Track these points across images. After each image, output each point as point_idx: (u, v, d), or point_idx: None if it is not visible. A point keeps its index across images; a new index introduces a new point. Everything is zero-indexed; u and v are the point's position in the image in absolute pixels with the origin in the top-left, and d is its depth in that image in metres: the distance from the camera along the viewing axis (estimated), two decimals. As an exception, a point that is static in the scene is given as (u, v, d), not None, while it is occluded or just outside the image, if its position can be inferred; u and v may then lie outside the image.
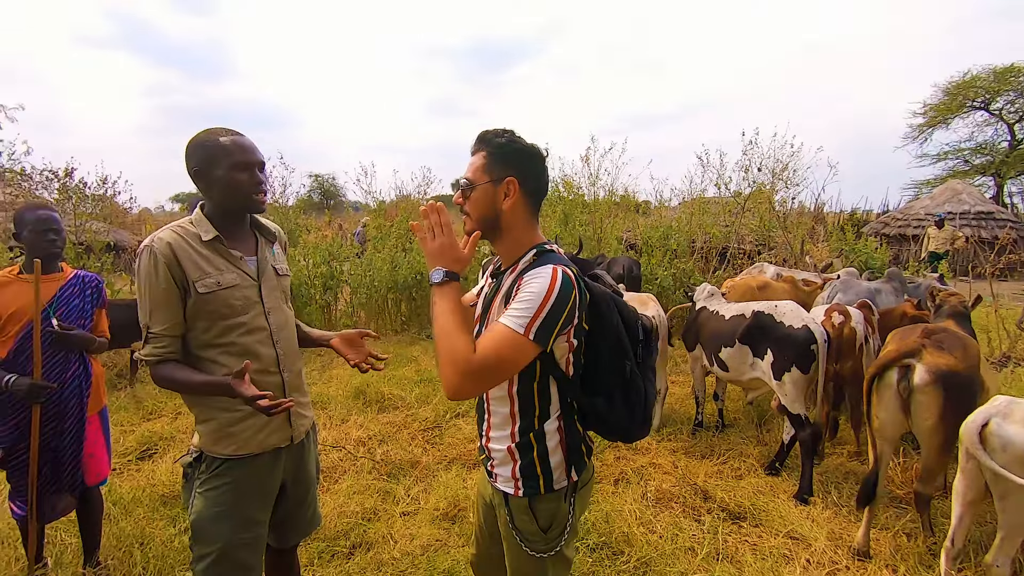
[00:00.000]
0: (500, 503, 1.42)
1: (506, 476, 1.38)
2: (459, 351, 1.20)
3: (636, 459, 3.67)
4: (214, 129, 1.59)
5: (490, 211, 1.35)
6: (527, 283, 1.24)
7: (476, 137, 1.39)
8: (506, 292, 1.32)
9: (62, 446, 2.40)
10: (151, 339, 1.50)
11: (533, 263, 1.32)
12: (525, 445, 1.35)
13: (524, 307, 1.21)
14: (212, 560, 1.54)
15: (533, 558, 1.38)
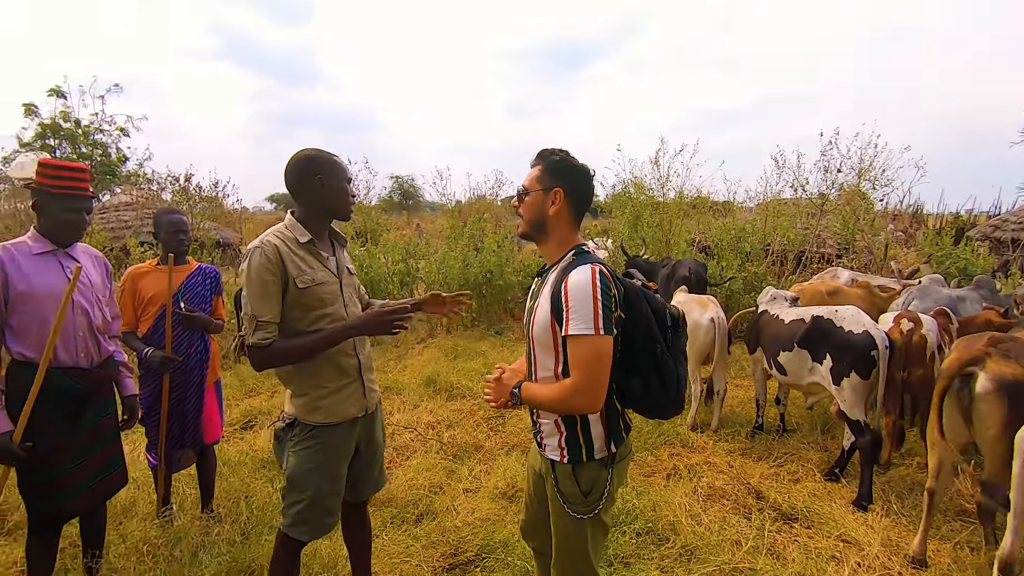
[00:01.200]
0: (548, 470, 1.65)
1: (553, 446, 1.61)
2: (563, 396, 1.47)
3: (691, 456, 3.75)
4: (313, 149, 1.92)
5: (539, 216, 1.61)
6: (572, 289, 1.46)
7: (536, 153, 1.66)
8: (552, 286, 1.54)
9: (186, 409, 2.88)
10: (260, 326, 1.77)
11: (573, 262, 1.55)
12: (569, 419, 1.58)
13: (582, 310, 1.43)
14: (305, 505, 1.88)
15: (574, 519, 1.59)
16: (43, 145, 17.31)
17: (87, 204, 2.18)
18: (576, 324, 1.44)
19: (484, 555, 2.67)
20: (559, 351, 1.54)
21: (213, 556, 2.51)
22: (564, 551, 1.65)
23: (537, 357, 1.61)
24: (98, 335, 2.20)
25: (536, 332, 1.58)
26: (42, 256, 2.07)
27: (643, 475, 3.50)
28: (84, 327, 2.14)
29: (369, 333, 1.89)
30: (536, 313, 1.59)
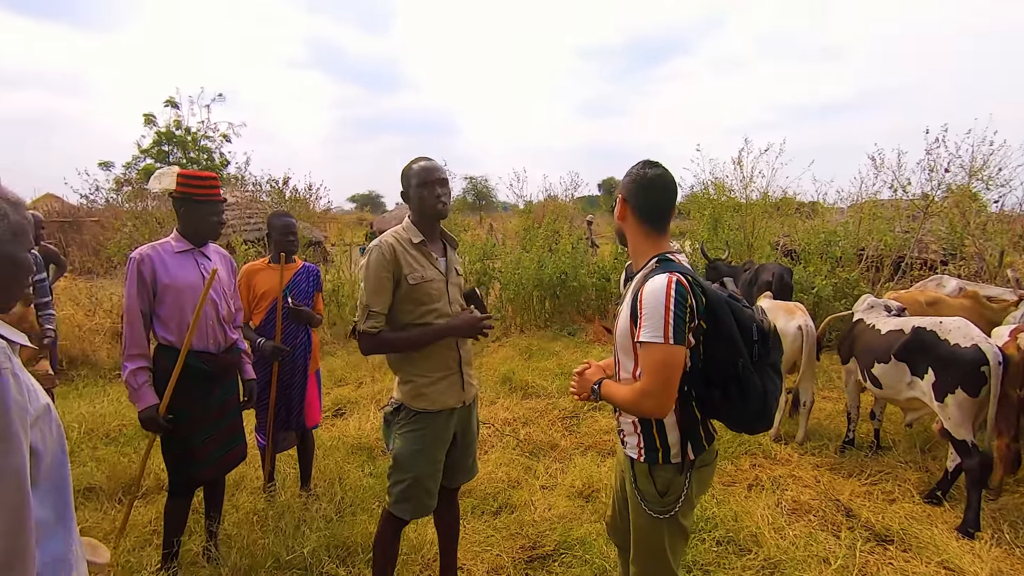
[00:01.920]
0: (627, 467, 1.70)
1: (632, 444, 1.66)
2: (633, 398, 1.52)
3: (774, 468, 3.64)
4: (415, 158, 2.12)
5: (617, 225, 1.74)
6: (646, 297, 1.49)
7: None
8: (633, 292, 1.59)
9: (291, 395, 3.16)
10: (371, 316, 2.00)
11: (654, 269, 1.58)
12: (646, 421, 1.62)
13: (654, 318, 1.47)
14: (408, 484, 2.05)
15: (651, 518, 1.62)
16: (159, 151, 19.19)
17: (222, 207, 2.47)
18: (647, 331, 1.48)
19: (562, 551, 2.74)
20: (637, 355, 1.58)
21: (313, 530, 2.74)
22: (641, 549, 1.69)
23: (619, 359, 1.67)
24: (224, 324, 2.47)
25: (618, 335, 1.63)
26: (182, 254, 2.37)
27: (723, 484, 3.43)
28: (213, 317, 2.41)
29: (462, 335, 2.08)
30: (619, 319, 1.64)
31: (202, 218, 2.40)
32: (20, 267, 1.02)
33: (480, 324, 2.06)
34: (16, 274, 1.02)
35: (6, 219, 0.98)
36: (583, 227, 12.30)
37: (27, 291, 1.07)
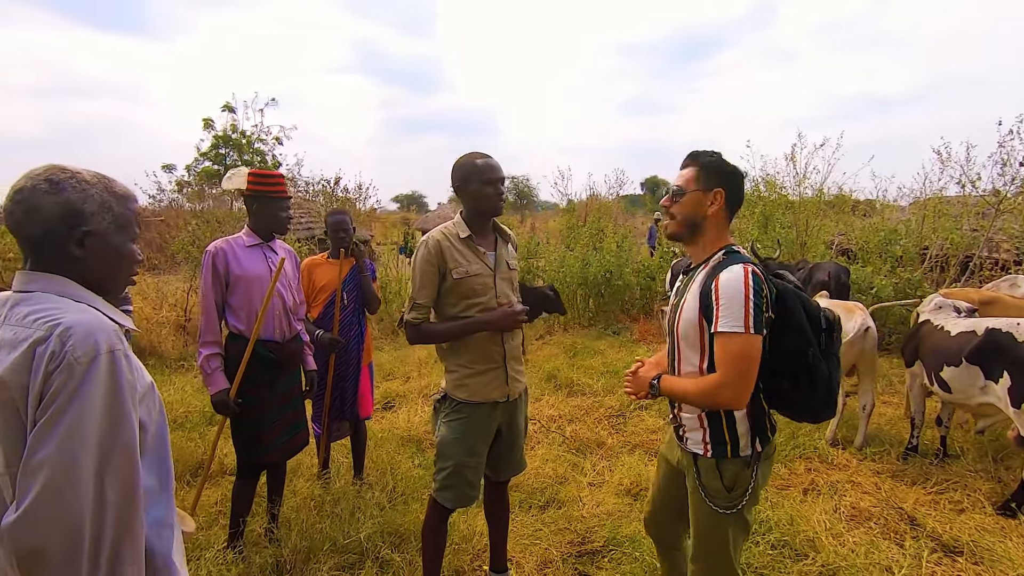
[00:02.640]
0: (689, 464, 1.68)
1: (696, 440, 1.64)
2: (708, 390, 1.52)
3: (831, 473, 3.51)
4: (472, 153, 2.15)
5: (695, 215, 1.64)
6: (723, 287, 1.49)
7: (688, 155, 1.70)
8: (702, 284, 1.57)
9: (346, 385, 3.27)
10: (416, 307, 2.09)
11: (723, 261, 1.57)
12: (714, 414, 1.61)
13: (733, 308, 1.47)
14: (449, 472, 2.10)
15: (716, 514, 1.61)
16: (216, 154, 20.09)
17: (289, 204, 2.60)
18: (726, 321, 1.48)
19: (611, 547, 2.73)
20: (705, 347, 1.58)
21: (368, 517, 2.83)
22: (704, 546, 1.67)
23: (682, 352, 1.65)
24: (289, 315, 2.59)
25: (682, 328, 1.62)
26: (252, 248, 2.50)
27: (777, 488, 3.34)
28: (280, 307, 2.53)
29: (497, 327, 2.09)
30: (682, 310, 1.63)
31: (271, 214, 2.53)
32: (126, 258, 1.09)
33: (515, 316, 2.08)
34: (122, 265, 1.09)
35: (111, 211, 1.05)
36: (633, 227, 12.16)
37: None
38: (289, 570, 2.49)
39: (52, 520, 0.86)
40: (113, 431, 0.91)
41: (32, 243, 1.01)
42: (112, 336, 0.95)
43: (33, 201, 0.98)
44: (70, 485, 0.86)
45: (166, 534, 1.05)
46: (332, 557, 2.57)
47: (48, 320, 0.93)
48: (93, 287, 1.05)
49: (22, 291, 1.00)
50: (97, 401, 0.90)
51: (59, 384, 0.88)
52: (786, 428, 4.09)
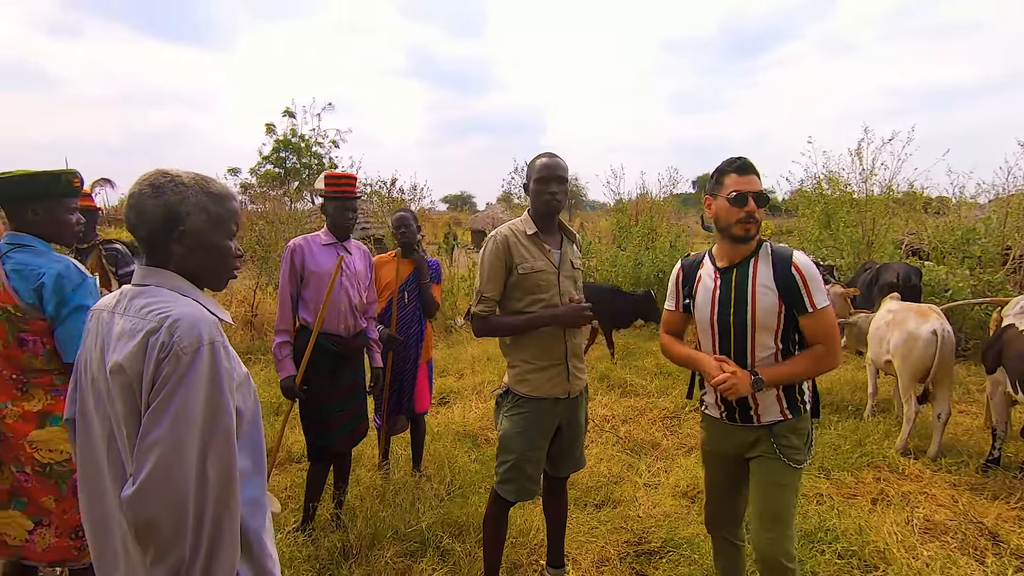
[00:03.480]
0: (761, 437, 1.85)
1: (774, 411, 1.84)
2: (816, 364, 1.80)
3: (902, 484, 3.35)
4: (541, 153, 2.20)
5: (761, 217, 1.80)
6: (806, 268, 1.76)
7: (746, 162, 1.82)
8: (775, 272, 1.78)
9: (402, 381, 3.37)
10: (483, 300, 2.15)
11: (777, 249, 1.84)
12: (789, 387, 1.84)
13: (819, 284, 1.77)
14: (510, 465, 2.16)
15: (790, 470, 1.82)
16: (277, 157, 20.98)
17: (354, 204, 2.73)
18: (820, 297, 1.75)
19: (669, 548, 2.71)
20: (779, 328, 1.80)
21: (428, 507, 2.92)
22: (776, 509, 1.80)
23: (757, 340, 1.82)
24: (355, 311, 2.70)
25: (761, 318, 1.79)
26: (327, 246, 2.65)
27: (843, 496, 3.22)
28: (345, 304, 2.65)
29: (562, 323, 2.13)
30: (757, 301, 1.79)
31: (336, 213, 2.67)
32: (223, 253, 1.17)
33: (581, 312, 2.11)
34: (220, 259, 1.17)
35: (206, 211, 1.13)
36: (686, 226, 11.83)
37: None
38: (355, 554, 2.60)
39: (162, 495, 0.94)
40: (214, 416, 0.99)
41: (144, 242, 1.11)
42: (213, 328, 1.03)
43: (140, 205, 1.08)
44: (178, 464, 0.95)
45: (259, 513, 1.13)
46: (395, 544, 2.67)
47: (160, 312, 1.02)
48: (196, 281, 1.15)
49: (140, 284, 1.10)
50: (200, 388, 0.98)
51: (168, 371, 0.97)
52: (852, 435, 3.94)
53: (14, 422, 1.72)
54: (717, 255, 1.92)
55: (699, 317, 1.93)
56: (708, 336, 1.91)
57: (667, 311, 2.10)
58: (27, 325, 1.71)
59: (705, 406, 2.03)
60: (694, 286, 1.96)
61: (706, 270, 1.93)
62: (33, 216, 1.80)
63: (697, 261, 2.00)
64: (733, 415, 1.90)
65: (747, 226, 1.77)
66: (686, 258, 2.08)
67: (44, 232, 1.82)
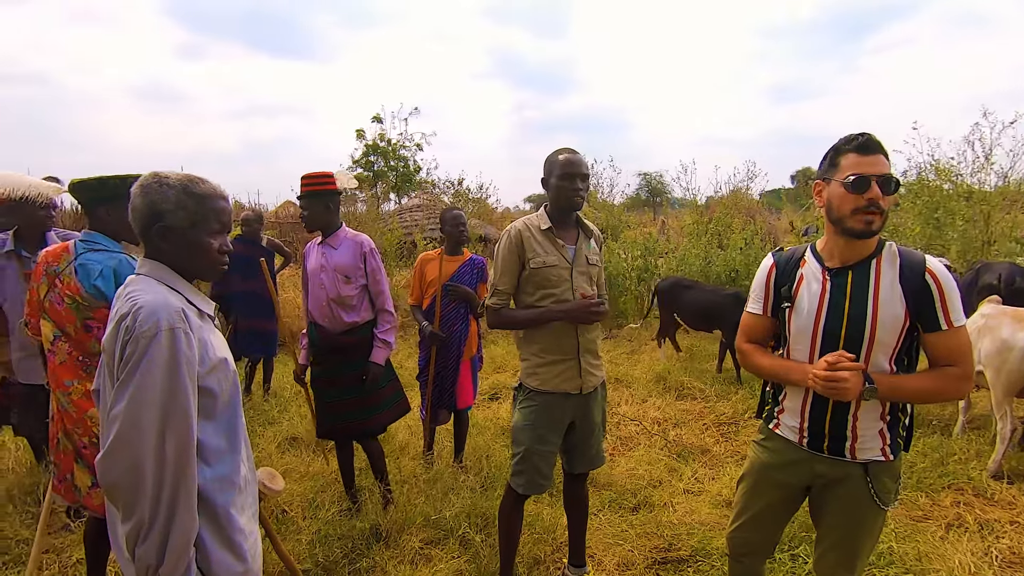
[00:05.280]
0: (852, 474, 1.60)
1: (875, 448, 1.58)
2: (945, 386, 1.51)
3: (988, 510, 2.97)
4: (560, 148, 2.20)
5: (888, 210, 1.51)
6: (944, 279, 1.47)
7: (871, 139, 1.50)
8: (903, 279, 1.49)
9: (444, 376, 3.47)
10: (496, 293, 2.19)
11: (906, 252, 1.54)
12: (895, 420, 1.59)
13: (957, 300, 1.49)
14: (520, 456, 2.18)
15: (882, 512, 1.62)
16: (366, 162, 22.18)
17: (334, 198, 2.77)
18: (956, 315, 1.48)
19: (699, 558, 2.60)
20: (898, 347, 1.52)
21: (459, 498, 2.99)
22: (861, 551, 1.65)
23: (872, 359, 1.53)
24: (336, 305, 2.74)
25: (881, 334, 1.50)
26: (318, 245, 2.82)
27: (912, 518, 2.91)
28: (324, 298, 2.75)
29: (572, 319, 2.11)
30: (879, 313, 1.50)
31: (306, 210, 2.76)
32: (203, 249, 1.25)
33: (591, 309, 2.07)
34: (199, 255, 1.25)
35: (185, 209, 1.22)
36: (773, 223, 11.10)
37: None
38: (385, 537, 2.73)
39: (121, 463, 1.07)
40: (171, 397, 1.09)
41: (140, 236, 1.25)
42: (173, 316, 1.12)
43: (132, 204, 1.22)
44: (135, 437, 1.07)
45: (229, 489, 1.23)
46: (423, 531, 2.77)
47: (132, 299, 1.14)
48: (182, 272, 1.26)
49: (137, 273, 1.24)
50: (157, 370, 1.08)
51: (128, 352, 1.09)
52: (934, 453, 3.54)
53: (78, 399, 1.98)
54: (825, 253, 1.62)
55: (799, 324, 1.62)
56: (806, 348, 1.61)
57: (751, 315, 1.79)
58: (92, 313, 1.97)
59: (777, 423, 1.74)
60: (794, 287, 1.65)
61: (810, 269, 1.63)
62: (106, 215, 2.05)
63: (797, 258, 1.69)
64: (819, 444, 1.62)
65: (868, 216, 1.46)
66: (779, 253, 1.77)
67: (115, 230, 2.07)
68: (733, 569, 1.99)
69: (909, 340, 1.54)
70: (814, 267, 1.62)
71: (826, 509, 1.67)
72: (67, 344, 2.01)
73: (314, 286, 2.79)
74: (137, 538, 1.08)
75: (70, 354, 2.00)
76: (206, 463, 1.20)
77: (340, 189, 2.78)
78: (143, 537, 1.08)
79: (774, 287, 1.72)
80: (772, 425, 1.76)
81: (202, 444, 1.18)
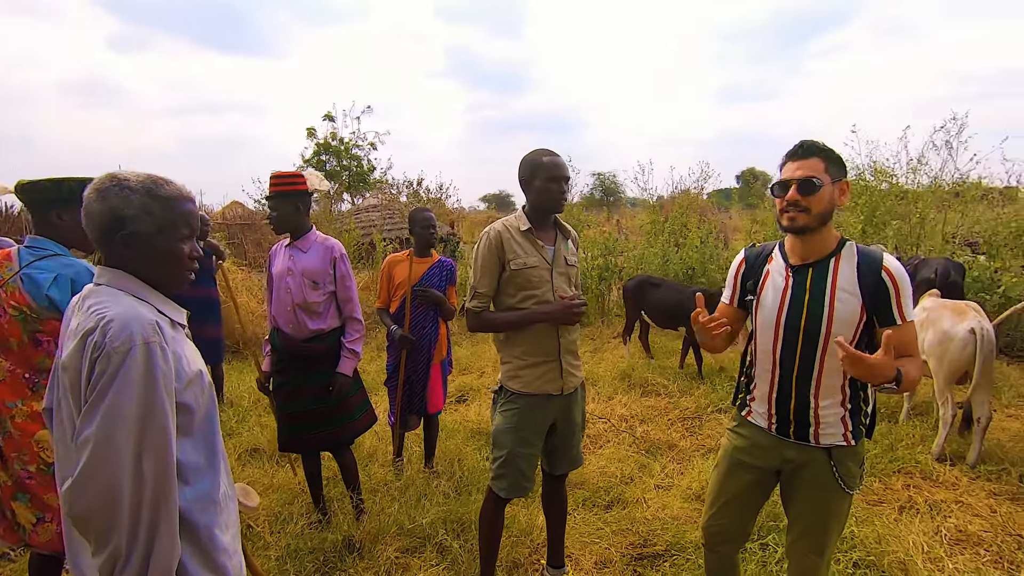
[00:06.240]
0: (816, 458, 1.69)
1: (837, 433, 1.67)
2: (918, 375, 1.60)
3: (935, 491, 3.16)
4: (540, 150, 2.18)
5: (829, 208, 1.62)
6: (899, 275, 1.57)
7: (804, 145, 1.64)
8: (860, 275, 1.58)
9: (414, 381, 3.40)
10: (477, 295, 2.16)
11: (863, 250, 1.63)
12: (857, 406, 1.68)
13: (910, 295, 1.58)
14: (502, 460, 2.15)
15: (846, 496, 1.70)
16: (318, 161, 21.59)
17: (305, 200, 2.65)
18: (909, 310, 1.57)
19: (674, 552, 2.65)
20: (854, 341, 1.59)
21: (433, 504, 2.94)
22: (827, 534, 1.71)
23: (831, 353, 1.60)
24: (301, 311, 2.64)
25: (837, 327, 1.59)
26: (285, 247, 2.70)
27: (867, 503, 3.06)
28: (289, 303, 2.64)
29: (554, 320, 2.10)
30: (836, 308, 1.59)
31: (275, 210, 2.63)
32: (171, 256, 1.17)
33: (573, 309, 2.07)
34: (168, 262, 1.17)
35: (151, 215, 1.13)
36: (723, 222, 11.49)
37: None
38: (358, 548, 2.65)
39: (93, 490, 0.98)
40: (149, 414, 1.01)
41: (97, 244, 1.14)
42: (147, 329, 1.04)
43: (88, 209, 1.11)
44: (111, 460, 0.98)
45: (210, 508, 1.16)
46: (397, 540, 2.70)
47: (98, 312, 1.04)
48: (149, 281, 1.16)
49: (95, 284, 1.14)
50: (132, 387, 1.00)
51: (99, 370, 1.00)
52: (883, 440, 3.74)
53: (23, 421, 1.80)
54: (789, 251, 1.72)
55: (763, 318, 1.72)
56: (770, 340, 1.71)
57: (722, 303, 1.92)
58: (42, 326, 1.80)
59: (749, 411, 1.83)
60: (760, 281, 1.76)
61: (776, 266, 1.74)
62: (57, 220, 1.88)
63: (765, 254, 1.80)
64: (786, 429, 1.72)
65: (790, 215, 1.61)
66: (751, 249, 1.88)
67: (66, 237, 1.90)
68: (709, 561, 2.05)
69: (867, 334, 1.62)
70: (779, 264, 1.73)
71: (795, 495, 1.76)
72: (8, 361, 1.84)
73: (279, 290, 2.67)
74: (112, 571, 1.00)
75: (12, 371, 1.83)
76: (185, 482, 1.12)
77: (311, 190, 2.67)
78: (120, 569, 0.99)
79: (741, 280, 1.85)
80: (745, 412, 1.86)
81: (180, 463, 1.10)
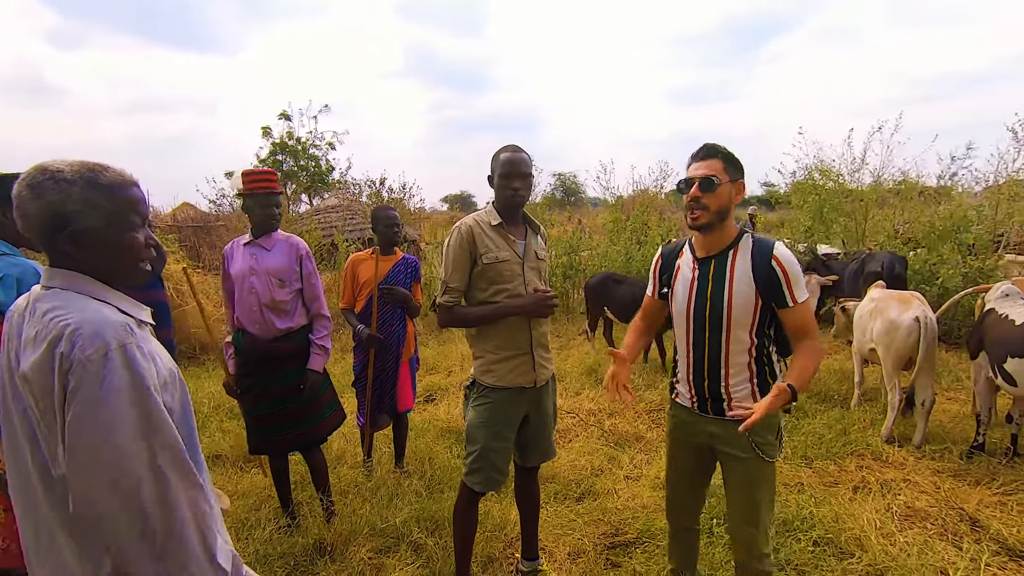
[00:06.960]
0: (734, 431, 1.74)
1: (748, 406, 1.71)
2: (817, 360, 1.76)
3: (885, 471, 3.34)
4: (505, 146, 2.18)
5: (728, 205, 1.76)
6: (787, 262, 1.72)
7: (706, 147, 1.79)
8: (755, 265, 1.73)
9: (383, 380, 3.36)
10: (448, 291, 2.15)
11: (759, 241, 1.78)
12: (764, 379, 1.82)
13: (800, 278, 1.74)
14: (476, 455, 2.16)
15: (766, 464, 1.81)
16: (274, 161, 21.00)
17: (275, 200, 2.65)
18: (800, 291, 1.73)
19: (645, 539, 2.71)
20: (754, 322, 1.75)
21: (405, 503, 2.92)
22: (754, 504, 1.82)
23: (732, 335, 1.77)
24: (268, 311, 2.60)
25: (736, 313, 1.75)
26: (246, 246, 2.65)
27: (824, 484, 3.21)
28: (255, 303, 2.60)
29: (527, 313, 2.12)
30: (733, 295, 1.74)
31: (254, 210, 2.60)
32: (125, 249, 1.08)
33: (545, 302, 2.10)
34: (123, 256, 1.08)
35: (97, 208, 1.03)
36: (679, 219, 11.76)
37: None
38: (330, 551, 2.61)
39: (117, 512, 0.92)
40: (147, 415, 0.96)
41: (40, 244, 1.04)
42: (120, 331, 0.97)
43: (23, 208, 1.00)
44: (129, 470, 0.93)
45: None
46: (370, 541, 2.67)
47: (60, 320, 0.95)
48: (103, 279, 1.06)
49: (46, 287, 1.04)
50: (119, 397, 0.93)
51: (76, 383, 0.91)
52: (837, 425, 3.92)
53: None
54: (696, 246, 1.87)
55: (676, 308, 1.89)
56: (684, 327, 1.87)
57: (647, 297, 2.08)
58: None
59: (676, 393, 2.00)
60: (673, 275, 1.91)
61: (685, 260, 1.89)
62: (2, 218, 1.79)
63: (677, 250, 1.95)
64: (704, 406, 1.87)
65: (693, 213, 1.75)
66: (666, 246, 2.04)
67: (15, 235, 1.81)
68: (672, 548, 2.19)
69: (766, 315, 1.77)
70: (688, 258, 1.88)
71: (725, 471, 1.90)
72: None
73: (243, 291, 2.60)
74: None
75: None
76: None
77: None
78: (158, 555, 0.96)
79: (659, 275, 2.01)
80: (674, 395, 2.03)
81: None
